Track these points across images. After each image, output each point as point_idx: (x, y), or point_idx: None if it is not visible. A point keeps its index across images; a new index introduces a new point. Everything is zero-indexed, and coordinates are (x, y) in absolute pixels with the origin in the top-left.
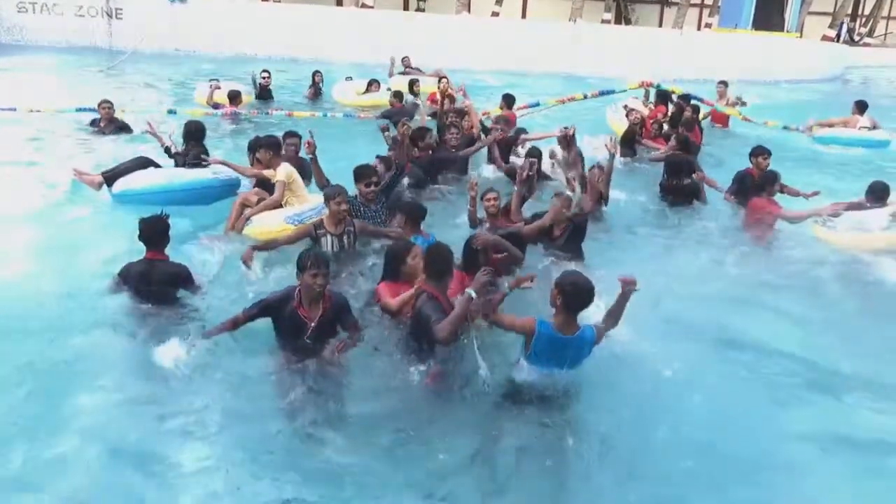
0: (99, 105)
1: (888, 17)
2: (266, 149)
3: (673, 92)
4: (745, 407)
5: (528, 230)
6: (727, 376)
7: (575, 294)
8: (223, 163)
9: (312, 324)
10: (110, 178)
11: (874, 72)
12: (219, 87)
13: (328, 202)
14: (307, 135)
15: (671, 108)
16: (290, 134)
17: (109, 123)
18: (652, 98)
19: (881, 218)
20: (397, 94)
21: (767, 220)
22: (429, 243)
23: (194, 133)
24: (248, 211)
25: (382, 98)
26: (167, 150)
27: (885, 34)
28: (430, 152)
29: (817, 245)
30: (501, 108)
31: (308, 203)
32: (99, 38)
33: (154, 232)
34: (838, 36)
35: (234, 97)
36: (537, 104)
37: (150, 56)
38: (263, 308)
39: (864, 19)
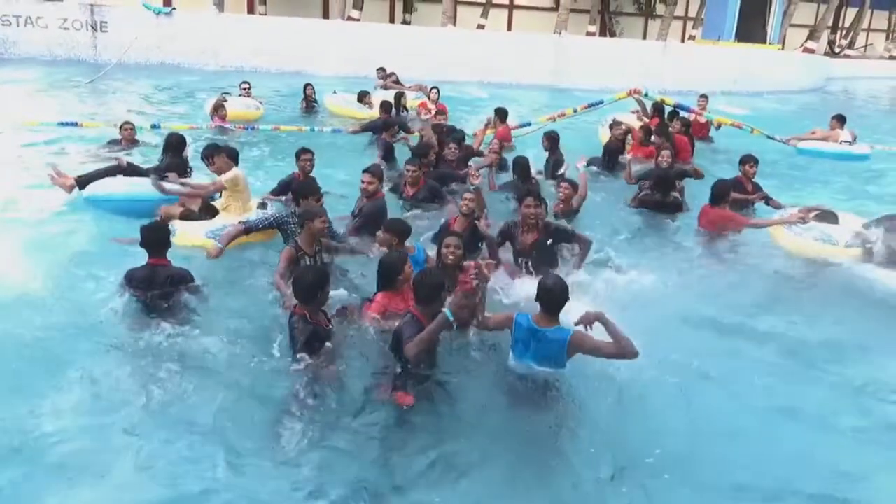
0: (121, 127)
1: (868, 30)
2: (223, 155)
3: (664, 102)
4: (725, 405)
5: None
6: (707, 376)
7: (543, 292)
8: (182, 183)
9: (330, 327)
10: (84, 182)
11: (854, 83)
12: (225, 101)
13: (311, 222)
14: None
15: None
16: (305, 150)
17: (131, 145)
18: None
19: (846, 234)
20: (384, 105)
21: (726, 227)
22: (413, 258)
23: (173, 145)
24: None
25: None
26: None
27: (865, 46)
28: (431, 168)
29: (786, 254)
30: (495, 122)
31: (235, 215)
32: (83, 51)
33: (156, 238)
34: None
35: (218, 108)
36: (528, 124)
37: (135, 68)
38: (310, 337)
39: (844, 32)
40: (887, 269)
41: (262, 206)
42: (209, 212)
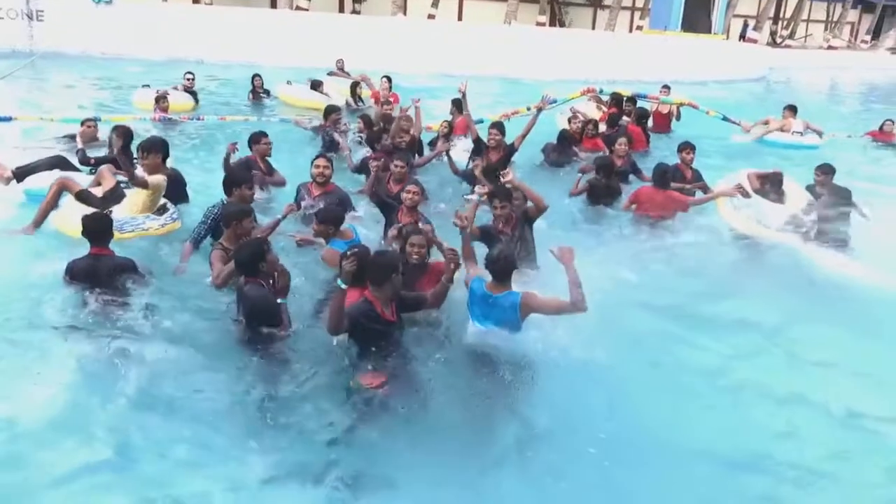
0: (83, 123)
1: (808, 21)
2: (155, 153)
3: (621, 95)
4: (672, 383)
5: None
6: (653, 364)
7: (491, 262)
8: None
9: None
10: (21, 174)
11: (795, 73)
12: (168, 93)
13: (238, 223)
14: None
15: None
16: (262, 133)
17: (91, 142)
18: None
19: (780, 217)
20: (328, 111)
21: (673, 209)
22: (352, 242)
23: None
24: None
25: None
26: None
27: (805, 36)
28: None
29: (724, 233)
30: (452, 113)
31: (136, 208)
32: (19, 41)
33: (98, 227)
34: (742, 36)
35: (160, 100)
36: (481, 121)
37: (73, 59)
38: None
39: (785, 22)
40: (819, 251)
41: (163, 209)
42: (109, 201)
